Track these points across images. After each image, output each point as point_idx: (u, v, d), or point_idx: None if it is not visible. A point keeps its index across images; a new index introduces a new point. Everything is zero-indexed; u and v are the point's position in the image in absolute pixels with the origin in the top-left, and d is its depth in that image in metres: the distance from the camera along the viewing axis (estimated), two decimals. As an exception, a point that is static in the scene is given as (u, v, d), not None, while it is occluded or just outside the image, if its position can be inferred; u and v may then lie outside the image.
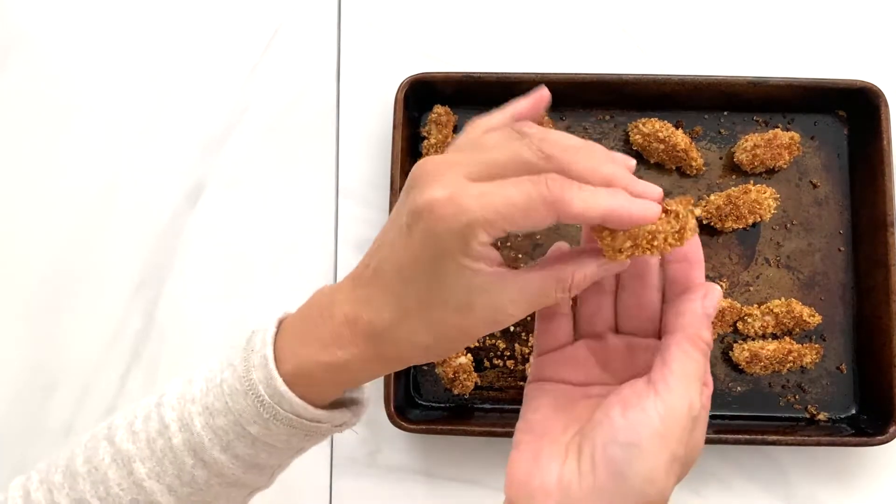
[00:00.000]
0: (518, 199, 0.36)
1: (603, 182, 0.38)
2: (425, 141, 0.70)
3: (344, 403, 0.46)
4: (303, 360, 0.42)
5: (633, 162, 0.41)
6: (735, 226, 0.68)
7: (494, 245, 0.38)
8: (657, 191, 0.39)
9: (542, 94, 0.43)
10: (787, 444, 0.63)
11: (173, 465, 0.43)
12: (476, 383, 0.67)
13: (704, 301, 0.42)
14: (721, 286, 0.66)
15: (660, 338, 0.43)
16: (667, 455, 0.38)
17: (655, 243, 0.39)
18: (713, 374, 0.67)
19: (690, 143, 0.68)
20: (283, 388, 0.41)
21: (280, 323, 0.44)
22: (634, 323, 0.45)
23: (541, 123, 0.43)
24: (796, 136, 0.68)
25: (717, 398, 0.67)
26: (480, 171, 0.38)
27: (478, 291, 0.39)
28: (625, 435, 0.38)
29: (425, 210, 0.37)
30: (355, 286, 0.41)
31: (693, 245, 0.43)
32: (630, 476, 0.38)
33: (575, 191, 0.37)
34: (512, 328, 0.68)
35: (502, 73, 0.69)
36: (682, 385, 0.39)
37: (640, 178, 0.40)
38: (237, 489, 0.45)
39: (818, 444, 0.64)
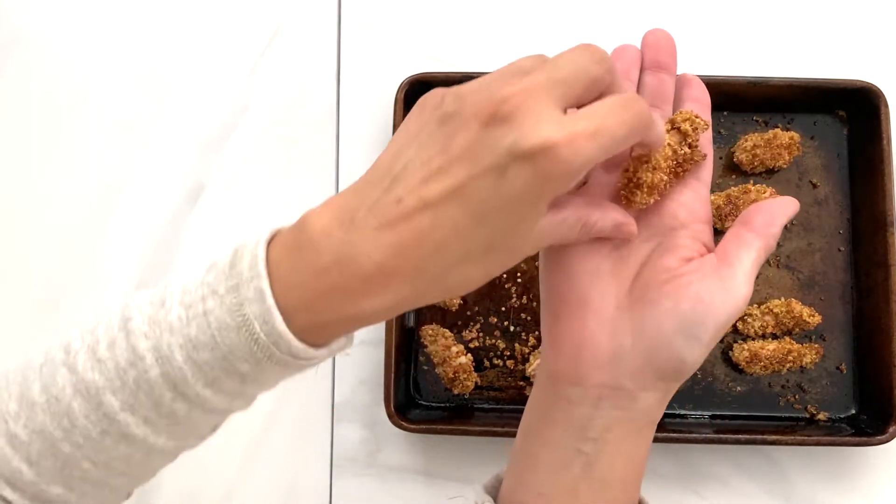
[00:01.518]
0: (620, 131, 0.35)
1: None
2: (425, 141, 0.70)
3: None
4: (315, 310, 0.37)
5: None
6: (735, 226, 0.68)
7: None
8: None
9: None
10: (787, 443, 0.63)
11: (149, 398, 0.38)
12: (476, 383, 0.67)
13: (787, 209, 0.43)
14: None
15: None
16: (716, 341, 0.40)
17: (679, 170, 0.42)
18: (711, 373, 0.68)
19: (690, 143, 0.68)
20: (282, 328, 0.36)
21: (268, 245, 0.38)
22: None
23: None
24: (796, 136, 0.68)
25: (717, 398, 0.67)
26: (565, 98, 0.35)
27: (536, 233, 0.37)
28: (693, 329, 0.39)
29: (540, 153, 0.34)
30: (384, 227, 0.35)
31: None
32: (688, 362, 0.40)
33: (654, 114, 0.37)
34: (512, 328, 0.68)
35: (502, 73, 0.69)
36: (748, 282, 0.40)
37: None
38: (217, 415, 0.42)
39: (818, 444, 0.63)
